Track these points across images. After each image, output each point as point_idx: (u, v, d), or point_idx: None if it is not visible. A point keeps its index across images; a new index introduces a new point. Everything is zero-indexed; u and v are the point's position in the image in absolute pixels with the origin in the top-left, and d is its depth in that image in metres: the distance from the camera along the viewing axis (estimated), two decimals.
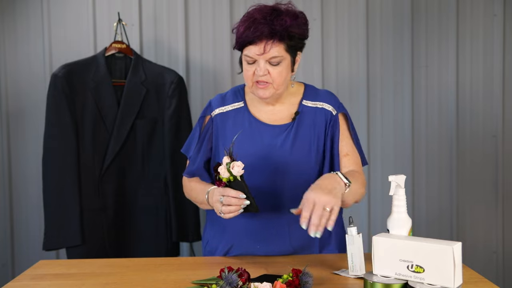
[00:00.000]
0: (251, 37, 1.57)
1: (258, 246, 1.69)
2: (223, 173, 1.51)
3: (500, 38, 3.01)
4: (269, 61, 1.60)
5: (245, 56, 1.62)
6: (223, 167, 1.50)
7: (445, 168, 3.04)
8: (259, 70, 1.60)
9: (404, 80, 3.00)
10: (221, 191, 1.53)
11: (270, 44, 1.57)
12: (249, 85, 1.66)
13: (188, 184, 1.80)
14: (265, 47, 1.57)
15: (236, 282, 1.32)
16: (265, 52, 1.58)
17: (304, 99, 1.74)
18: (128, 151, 2.51)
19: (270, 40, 1.57)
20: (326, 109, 1.73)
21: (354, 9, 2.97)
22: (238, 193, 1.50)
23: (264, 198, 1.65)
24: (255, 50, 1.59)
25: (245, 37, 1.58)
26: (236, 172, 1.50)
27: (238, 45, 1.63)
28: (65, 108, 2.44)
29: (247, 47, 1.60)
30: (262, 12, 1.59)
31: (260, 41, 1.57)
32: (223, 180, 1.52)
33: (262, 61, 1.60)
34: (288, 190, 1.67)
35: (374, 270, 1.36)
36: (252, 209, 1.52)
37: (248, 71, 1.63)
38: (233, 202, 1.51)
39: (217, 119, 1.74)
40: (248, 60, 1.62)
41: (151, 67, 2.57)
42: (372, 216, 3.02)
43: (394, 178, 1.42)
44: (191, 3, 2.91)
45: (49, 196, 2.45)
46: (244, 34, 1.58)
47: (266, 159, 1.66)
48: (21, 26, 2.86)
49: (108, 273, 1.57)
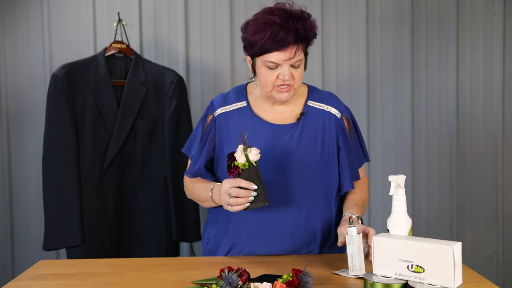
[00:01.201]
0: (279, 44, 1.57)
1: (259, 244, 1.69)
2: (239, 158, 1.50)
3: (500, 38, 3.01)
4: (293, 65, 1.61)
5: (267, 62, 1.60)
6: (240, 152, 1.50)
7: (445, 168, 3.04)
8: (285, 75, 1.60)
9: (404, 80, 3.00)
10: (232, 182, 1.52)
11: (296, 48, 1.58)
12: (268, 90, 1.65)
13: (189, 184, 1.81)
14: (295, 53, 1.59)
15: (236, 282, 1.32)
16: (294, 57, 1.59)
17: (309, 99, 1.75)
18: (128, 151, 2.51)
19: (295, 46, 1.58)
20: (332, 113, 1.74)
21: (354, 9, 2.97)
22: (249, 184, 1.50)
23: (268, 196, 1.65)
24: (281, 56, 1.58)
25: (271, 44, 1.57)
26: (253, 157, 1.49)
27: (259, 51, 1.60)
28: (65, 108, 2.44)
29: (271, 54, 1.59)
30: (282, 17, 1.58)
31: (288, 47, 1.58)
32: (239, 165, 1.51)
33: (286, 65, 1.60)
34: (291, 190, 1.68)
35: (374, 270, 1.36)
36: (260, 203, 1.52)
37: (270, 76, 1.62)
38: (241, 194, 1.51)
39: (220, 119, 1.74)
40: (270, 65, 1.61)
41: (151, 67, 2.57)
42: (372, 216, 3.02)
43: (394, 178, 1.42)
44: (191, 3, 2.91)
45: (49, 196, 2.45)
46: (270, 40, 1.57)
47: (270, 158, 1.66)
48: (21, 26, 2.86)
49: (108, 273, 1.57)
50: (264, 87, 1.66)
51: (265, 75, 1.63)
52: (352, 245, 1.47)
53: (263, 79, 1.64)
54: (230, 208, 1.54)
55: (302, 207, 1.69)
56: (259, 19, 1.60)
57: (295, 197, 1.68)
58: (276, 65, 1.60)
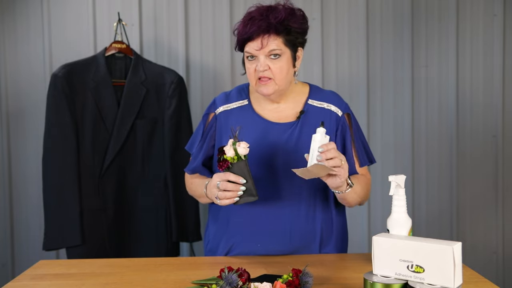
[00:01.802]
0: (249, 33, 1.61)
1: (258, 244, 1.69)
2: (228, 152, 1.51)
3: (500, 38, 3.01)
4: (269, 56, 1.62)
5: (246, 53, 1.65)
6: (229, 145, 1.51)
7: (445, 168, 3.04)
8: (260, 65, 1.62)
9: (404, 80, 3.00)
10: (221, 176, 1.54)
11: (266, 38, 1.61)
12: (253, 84, 1.68)
13: (189, 179, 1.83)
14: (262, 41, 1.61)
15: (236, 282, 1.32)
16: (263, 46, 1.61)
17: (310, 98, 1.75)
18: (128, 151, 2.51)
19: (266, 34, 1.61)
20: (332, 111, 1.74)
21: (354, 9, 2.97)
22: (238, 178, 1.52)
23: (266, 195, 1.66)
24: (253, 46, 1.62)
25: (243, 34, 1.62)
26: (242, 150, 1.50)
27: (238, 44, 1.66)
28: (65, 108, 2.44)
29: (246, 45, 1.64)
30: (259, 10, 1.64)
31: (258, 36, 1.61)
32: (228, 159, 1.52)
33: (262, 56, 1.62)
34: (291, 188, 1.68)
35: (374, 270, 1.36)
36: (250, 197, 1.52)
37: (250, 68, 1.65)
38: (229, 187, 1.52)
39: (221, 117, 1.75)
40: (248, 56, 1.65)
41: (151, 67, 2.57)
42: (372, 216, 3.02)
43: (394, 178, 1.42)
44: (191, 3, 2.92)
45: (49, 196, 2.45)
46: (243, 31, 1.62)
47: (269, 157, 1.67)
48: (21, 26, 2.86)
49: (108, 273, 1.57)
50: (250, 82, 1.69)
51: (247, 68, 1.67)
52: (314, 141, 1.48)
53: (247, 72, 1.68)
54: (218, 202, 1.55)
55: (302, 207, 1.69)
56: (244, 16, 1.66)
57: (294, 197, 1.68)
58: (252, 56, 1.64)
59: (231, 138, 1.53)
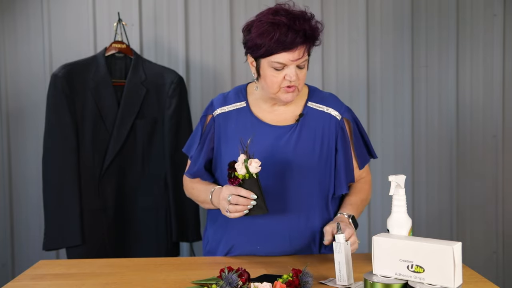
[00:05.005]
0: (288, 45, 1.56)
1: (258, 246, 1.69)
2: (239, 170, 1.50)
3: (500, 38, 3.01)
4: (299, 65, 1.61)
5: (274, 62, 1.59)
6: (240, 163, 1.49)
7: (445, 168, 3.03)
8: (292, 75, 1.59)
9: (404, 80, 3.00)
10: (231, 190, 1.52)
11: (303, 50, 1.58)
12: (274, 91, 1.63)
13: (189, 183, 1.81)
14: (303, 54, 1.59)
15: (236, 282, 1.32)
16: (300, 57, 1.59)
17: (309, 100, 1.74)
18: (128, 151, 2.51)
19: (303, 46, 1.58)
20: (332, 115, 1.72)
21: (354, 9, 2.97)
22: (249, 193, 1.50)
23: (265, 197, 1.65)
24: (289, 57, 1.57)
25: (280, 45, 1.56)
26: (254, 169, 1.49)
27: (267, 52, 1.58)
28: (65, 108, 2.44)
29: (279, 54, 1.58)
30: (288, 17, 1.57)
31: (296, 48, 1.57)
32: (239, 177, 1.51)
33: (293, 66, 1.59)
34: (289, 191, 1.67)
35: (374, 270, 1.36)
36: (260, 210, 1.51)
37: (276, 77, 1.60)
38: (240, 202, 1.51)
39: (219, 119, 1.73)
40: (277, 66, 1.59)
41: (151, 67, 2.57)
42: (372, 216, 3.02)
43: (394, 178, 1.42)
44: (191, 3, 2.91)
45: (49, 196, 2.45)
46: (279, 41, 1.55)
47: (268, 160, 1.65)
48: (21, 26, 2.86)
49: (108, 273, 1.57)
50: (270, 88, 1.64)
51: (272, 76, 1.61)
52: (340, 253, 1.42)
53: (269, 80, 1.62)
54: (228, 214, 1.54)
55: (301, 209, 1.68)
56: (264, 20, 1.58)
57: (293, 199, 1.67)
58: (283, 65, 1.59)
59: (242, 152, 1.50)
